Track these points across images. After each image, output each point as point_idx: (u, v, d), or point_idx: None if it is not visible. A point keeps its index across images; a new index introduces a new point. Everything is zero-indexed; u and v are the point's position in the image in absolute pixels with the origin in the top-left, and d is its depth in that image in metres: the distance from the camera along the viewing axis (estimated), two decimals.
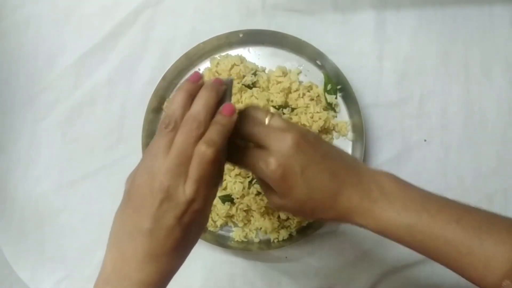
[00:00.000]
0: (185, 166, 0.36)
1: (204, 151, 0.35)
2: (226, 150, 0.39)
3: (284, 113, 0.61)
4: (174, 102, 0.37)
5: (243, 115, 0.40)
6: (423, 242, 0.38)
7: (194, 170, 0.35)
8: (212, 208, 0.62)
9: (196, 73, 0.40)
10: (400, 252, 0.64)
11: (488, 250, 0.36)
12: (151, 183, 0.36)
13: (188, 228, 0.37)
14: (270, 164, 0.37)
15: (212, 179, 0.37)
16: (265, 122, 0.40)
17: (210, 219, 0.63)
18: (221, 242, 0.62)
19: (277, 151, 0.38)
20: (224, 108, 0.38)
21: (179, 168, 0.35)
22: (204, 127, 0.36)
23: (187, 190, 0.35)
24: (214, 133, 0.36)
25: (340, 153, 0.42)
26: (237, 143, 0.40)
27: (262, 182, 0.40)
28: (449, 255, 0.38)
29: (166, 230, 0.36)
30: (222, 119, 0.37)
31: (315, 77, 0.66)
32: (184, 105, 0.37)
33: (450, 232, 0.37)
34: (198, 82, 0.39)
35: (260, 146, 0.39)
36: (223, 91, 0.39)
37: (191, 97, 0.38)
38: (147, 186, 0.36)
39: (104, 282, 0.37)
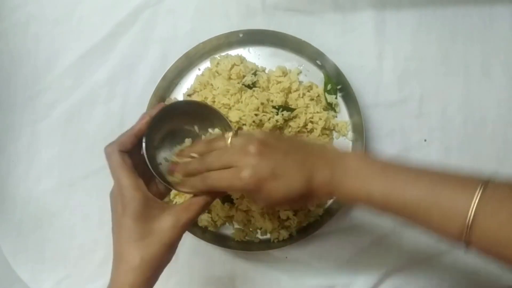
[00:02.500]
0: None
1: (104, 149, 0.44)
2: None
3: (283, 114, 0.61)
4: None
5: (210, 149, 0.47)
6: (385, 206, 0.41)
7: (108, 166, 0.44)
8: (212, 208, 0.62)
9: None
10: (400, 252, 0.64)
11: (445, 204, 0.39)
12: None
13: (132, 222, 0.42)
14: (243, 179, 0.42)
15: (124, 171, 0.43)
16: (227, 144, 0.45)
17: (210, 219, 0.63)
18: (221, 242, 0.62)
19: (245, 165, 0.42)
20: (139, 119, 0.46)
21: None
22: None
23: (113, 186, 0.44)
24: (121, 135, 0.45)
25: (302, 144, 0.46)
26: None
27: (246, 194, 0.45)
28: (412, 214, 0.41)
29: (116, 225, 0.43)
30: (132, 126, 0.46)
31: (315, 77, 0.66)
32: None
33: (408, 194, 0.40)
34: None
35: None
36: (155, 111, 0.47)
37: None
38: None
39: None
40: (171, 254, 0.45)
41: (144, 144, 0.44)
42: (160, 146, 0.49)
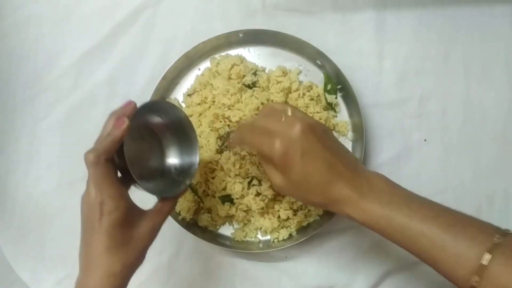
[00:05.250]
0: None
1: (86, 156, 0.42)
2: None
3: None
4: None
5: (268, 108, 0.49)
6: (402, 233, 0.42)
7: (88, 175, 0.42)
8: (212, 208, 0.62)
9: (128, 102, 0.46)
10: (400, 252, 0.63)
11: (460, 246, 0.39)
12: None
13: (114, 230, 0.42)
14: (275, 143, 0.43)
15: (109, 180, 0.42)
16: (288, 113, 0.45)
17: (210, 219, 0.63)
18: (221, 242, 0.62)
19: (284, 134, 0.43)
20: (115, 122, 0.43)
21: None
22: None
23: (90, 194, 0.42)
24: (99, 142, 0.43)
25: (342, 149, 0.47)
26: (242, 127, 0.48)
27: (267, 161, 0.46)
28: (424, 248, 0.41)
29: (91, 233, 0.42)
30: (111, 131, 0.43)
31: (315, 77, 0.66)
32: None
33: (426, 227, 0.41)
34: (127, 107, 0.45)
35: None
36: (128, 110, 0.45)
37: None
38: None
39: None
40: (144, 257, 0.46)
41: (125, 150, 0.43)
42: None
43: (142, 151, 0.50)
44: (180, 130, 0.51)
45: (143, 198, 0.64)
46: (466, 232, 0.40)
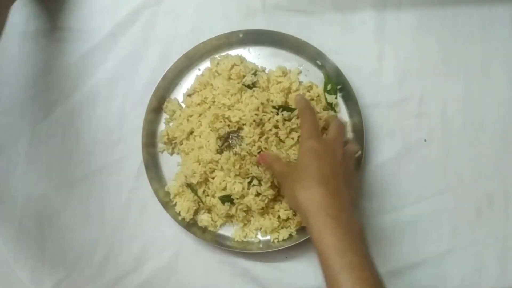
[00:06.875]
0: None
1: None
2: None
3: (283, 115, 0.61)
4: None
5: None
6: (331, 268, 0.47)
7: None
8: (212, 208, 0.62)
9: None
10: (401, 253, 0.64)
11: None
12: None
13: None
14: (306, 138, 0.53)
15: None
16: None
17: (210, 219, 0.63)
18: (221, 242, 0.62)
19: (325, 139, 0.53)
20: None
21: None
22: None
23: None
24: None
25: (353, 183, 0.54)
26: None
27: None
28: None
29: None
30: None
31: (315, 77, 0.66)
32: None
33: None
34: None
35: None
36: None
37: None
38: None
39: None
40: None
41: None
42: None
43: None
44: None
45: (144, 198, 0.64)
46: None
